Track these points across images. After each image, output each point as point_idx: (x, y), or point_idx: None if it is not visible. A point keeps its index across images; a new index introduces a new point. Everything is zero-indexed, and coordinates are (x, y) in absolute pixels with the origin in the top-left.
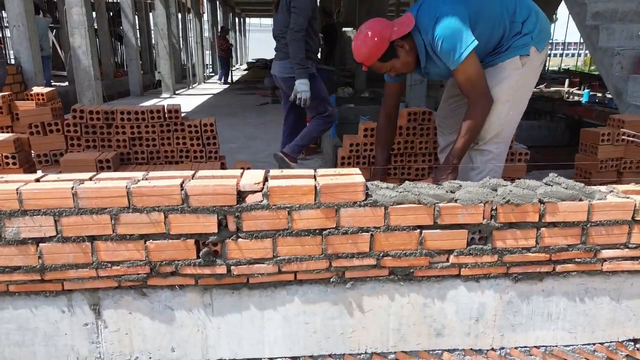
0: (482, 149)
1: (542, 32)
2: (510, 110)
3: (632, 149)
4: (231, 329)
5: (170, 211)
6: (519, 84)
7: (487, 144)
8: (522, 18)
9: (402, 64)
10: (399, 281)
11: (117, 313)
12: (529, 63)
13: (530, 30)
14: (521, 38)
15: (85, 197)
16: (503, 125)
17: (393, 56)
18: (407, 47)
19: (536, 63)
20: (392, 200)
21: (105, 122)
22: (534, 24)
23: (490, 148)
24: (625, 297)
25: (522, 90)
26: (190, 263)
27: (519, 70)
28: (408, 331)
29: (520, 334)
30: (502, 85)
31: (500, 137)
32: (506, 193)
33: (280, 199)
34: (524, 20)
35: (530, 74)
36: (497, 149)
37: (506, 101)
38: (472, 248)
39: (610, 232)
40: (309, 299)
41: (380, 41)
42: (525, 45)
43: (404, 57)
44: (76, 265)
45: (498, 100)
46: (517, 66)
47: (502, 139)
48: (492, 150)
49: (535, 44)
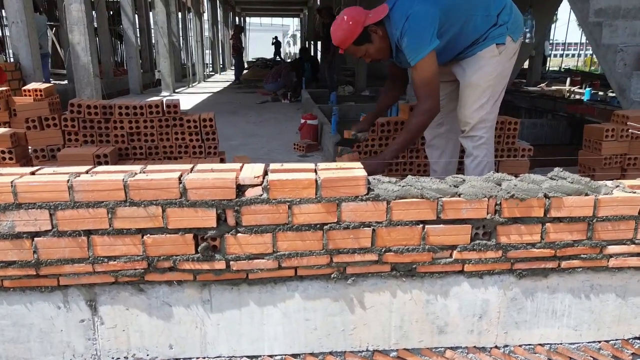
0: (472, 134)
1: (516, 23)
2: (493, 96)
3: (636, 145)
4: (230, 325)
5: (168, 205)
6: (497, 71)
7: (475, 129)
8: (496, 11)
9: (375, 50)
10: (401, 277)
11: (113, 309)
12: (505, 51)
13: (505, 21)
14: (497, 28)
15: (82, 190)
16: (487, 110)
17: (366, 41)
18: (380, 34)
19: (511, 52)
20: (395, 194)
21: (103, 117)
22: (509, 15)
23: (479, 133)
24: (631, 293)
25: (500, 78)
26: (188, 258)
27: (496, 58)
28: (410, 328)
29: (524, 331)
30: (481, 72)
31: (487, 122)
32: (511, 187)
33: (280, 193)
34: (498, 13)
35: (506, 62)
36: (486, 134)
37: (487, 87)
38: (476, 243)
39: (617, 227)
40: (309, 295)
41: (355, 25)
42: (502, 35)
43: (377, 43)
44: (72, 260)
45: (479, 85)
46: (494, 54)
47: (489, 123)
48: (482, 135)
49: (511, 33)
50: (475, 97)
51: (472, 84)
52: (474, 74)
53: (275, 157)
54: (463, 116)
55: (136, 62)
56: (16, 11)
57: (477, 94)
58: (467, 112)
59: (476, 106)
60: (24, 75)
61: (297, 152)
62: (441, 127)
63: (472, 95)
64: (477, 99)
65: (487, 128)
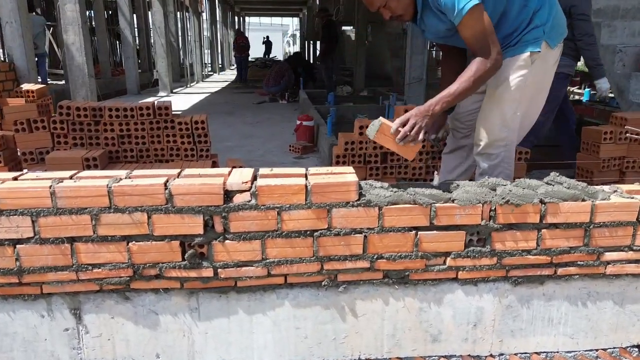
0: (488, 152)
1: (556, 27)
2: (518, 112)
3: (635, 148)
4: (219, 334)
5: (153, 211)
6: (527, 83)
7: (492, 146)
8: (535, 6)
9: (396, 3)
10: (394, 285)
11: (98, 318)
12: (539, 60)
13: (542, 22)
14: (532, 31)
15: (64, 196)
16: (508, 127)
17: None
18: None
19: (550, 61)
20: (387, 200)
21: (92, 120)
22: (547, 15)
23: (496, 151)
24: (629, 301)
25: (531, 91)
26: (175, 265)
27: (528, 68)
28: (403, 336)
29: (520, 339)
30: (506, 84)
31: (507, 140)
32: (506, 193)
33: (269, 199)
34: (536, 10)
35: (541, 73)
36: (504, 153)
37: (512, 101)
38: (470, 250)
39: (614, 233)
40: (299, 303)
41: None
42: (536, 40)
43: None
44: (55, 268)
45: (503, 99)
46: (527, 63)
47: (509, 142)
48: (499, 153)
49: (547, 39)
50: (498, 111)
51: (496, 96)
52: (500, 84)
53: (270, 159)
54: (479, 131)
55: (133, 62)
56: (10, 11)
57: (500, 109)
58: (485, 127)
59: (497, 122)
60: (18, 76)
61: (292, 154)
62: (467, 140)
63: (494, 110)
64: (499, 115)
65: (507, 146)
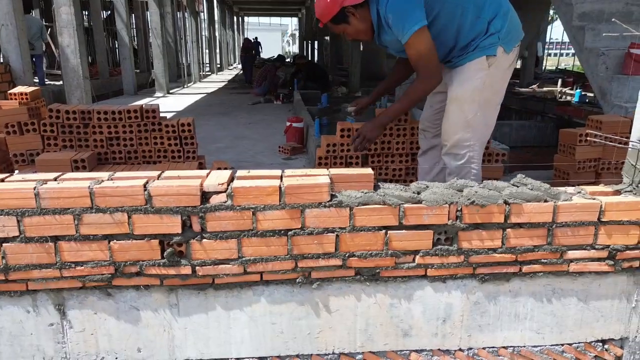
0: (453, 152)
1: (511, 33)
2: (479, 112)
3: (610, 150)
4: (198, 329)
5: (133, 211)
6: (485, 85)
7: (457, 147)
8: (489, 16)
9: (353, 31)
10: (366, 281)
11: (82, 313)
12: (495, 64)
13: (497, 29)
14: (488, 38)
15: (48, 197)
16: (471, 127)
17: (343, 21)
18: (359, 16)
19: (504, 64)
20: (357, 201)
21: (82, 122)
22: (502, 23)
23: (461, 152)
24: (593, 298)
25: (489, 92)
26: (154, 263)
27: (485, 71)
28: (375, 331)
29: (487, 334)
30: (466, 86)
31: (471, 141)
32: (471, 194)
33: (244, 200)
34: (490, 19)
35: (497, 75)
36: (470, 153)
37: (472, 102)
38: (438, 249)
39: (576, 233)
40: (275, 299)
41: (332, 4)
42: (492, 45)
43: (355, 24)
44: (40, 266)
45: (464, 100)
46: (483, 66)
47: (473, 142)
48: (464, 153)
49: (503, 44)
50: (460, 113)
51: (457, 98)
52: (459, 87)
53: (260, 160)
54: (445, 132)
55: (130, 63)
56: (5, 14)
57: (461, 111)
58: (448, 129)
59: (460, 122)
60: (13, 78)
61: (281, 155)
62: (437, 139)
63: (455, 111)
64: (460, 115)
65: (472, 147)
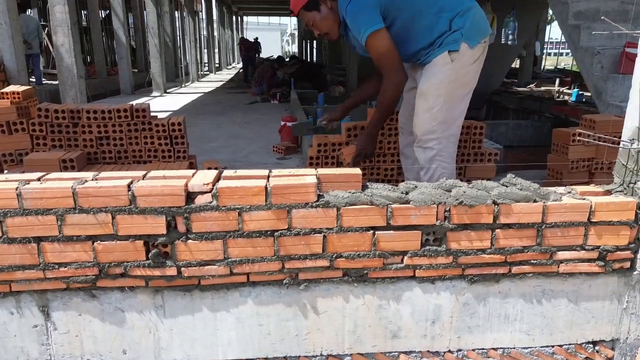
0: (423, 146)
1: (474, 29)
2: (444, 105)
3: (603, 150)
4: (184, 330)
5: (117, 212)
6: (450, 79)
7: (425, 140)
8: (450, 15)
9: (321, 21)
10: (353, 282)
11: (66, 315)
12: (459, 59)
13: (459, 26)
14: (451, 35)
15: (30, 197)
16: (436, 120)
17: (314, 8)
18: (330, 6)
19: (469, 59)
20: (344, 201)
21: (71, 122)
22: (463, 20)
23: (429, 145)
24: (583, 299)
25: (453, 86)
26: (139, 264)
27: (449, 65)
28: (364, 333)
29: (477, 335)
30: (432, 80)
31: (438, 133)
32: (460, 194)
33: (229, 200)
34: (452, 17)
35: (462, 70)
36: (438, 145)
37: (438, 95)
38: (427, 249)
39: (566, 233)
40: (262, 300)
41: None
42: (455, 42)
43: (325, 14)
44: (23, 267)
45: (429, 94)
46: (447, 61)
47: (443, 135)
48: (432, 147)
49: (466, 40)
50: (426, 106)
51: (422, 92)
52: (426, 82)
53: (253, 160)
54: (413, 125)
55: (127, 63)
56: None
57: (427, 103)
58: (417, 121)
59: (426, 116)
60: (8, 77)
61: (276, 155)
62: (412, 135)
63: (422, 104)
64: (426, 108)
65: (439, 139)
